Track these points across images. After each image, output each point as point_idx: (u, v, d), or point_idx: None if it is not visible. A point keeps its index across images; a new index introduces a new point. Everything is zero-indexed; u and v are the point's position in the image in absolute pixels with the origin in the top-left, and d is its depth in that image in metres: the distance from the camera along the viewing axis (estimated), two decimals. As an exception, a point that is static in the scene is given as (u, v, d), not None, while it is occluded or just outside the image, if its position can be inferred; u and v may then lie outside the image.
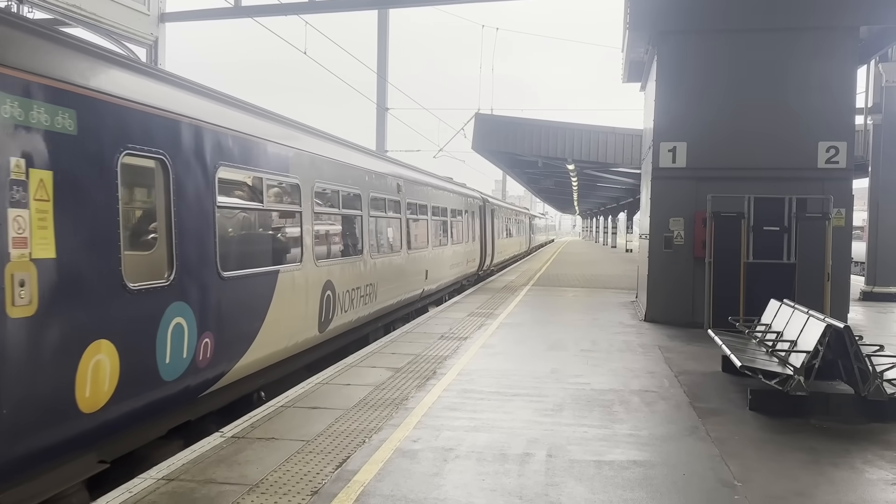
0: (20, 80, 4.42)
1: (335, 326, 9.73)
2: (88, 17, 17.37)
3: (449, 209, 18.42)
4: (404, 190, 13.72)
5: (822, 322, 6.86)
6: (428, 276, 15.55)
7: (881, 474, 5.24)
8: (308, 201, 8.82)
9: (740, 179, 12.29)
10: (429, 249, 15.79)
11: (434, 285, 16.43)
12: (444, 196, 18.10)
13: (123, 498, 4.58)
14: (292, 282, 8.30)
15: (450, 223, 18.59)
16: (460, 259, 20.19)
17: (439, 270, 17.00)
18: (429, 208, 15.94)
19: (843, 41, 12.29)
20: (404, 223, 13.76)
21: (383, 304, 12.19)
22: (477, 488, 4.81)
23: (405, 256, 13.73)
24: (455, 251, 19.28)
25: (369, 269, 11.33)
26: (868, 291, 17.72)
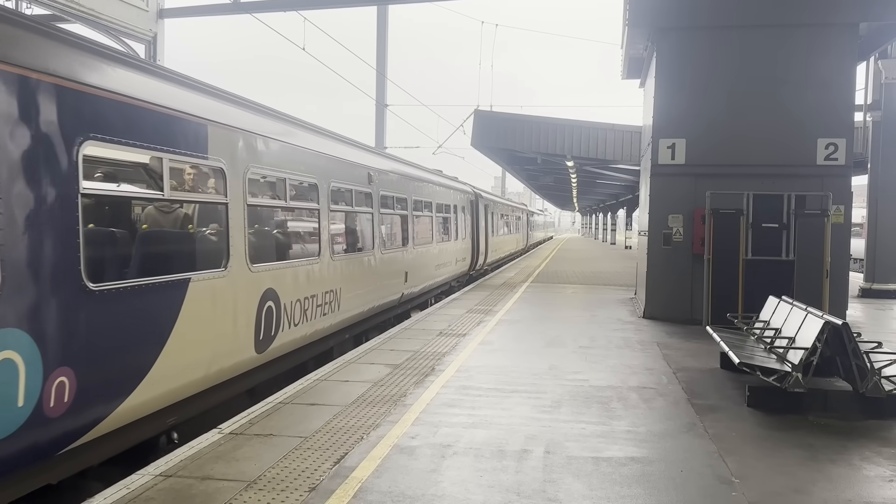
0: None
1: (282, 344, 8.05)
2: (87, 13, 17.33)
3: (435, 203, 16.86)
4: (377, 181, 11.96)
5: (820, 319, 6.86)
6: (408, 278, 13.85)
7: (879, 471, 5.24)
8: (238, 190, 7.06)
9: (739, 176, 12.29)
10: (409, 248, 14.14)
11: (416, 288, 14.82)
12: (429, 189, 16.49)
13: (121, 494, 4.58)
14: (212, 293, 6.54)
15: (436, 219, 16.97)
16: (449, 258, 18.60)
17: (423, 271, 15.34)
18: (409, 202, 14.27)
19: (842, 38, 12.28)
20: (377, 219, 11.95)
21: (350, 313, 10.51)
22: (475, 484, 4.81)
23: (378, 257, 11.97)
24: (442, 250, 17.68)
25: (330, 272, 9.59)
26: (867, 288, 17.73)
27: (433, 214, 16.60)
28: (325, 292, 9.40)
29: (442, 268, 17.67)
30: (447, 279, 18.89)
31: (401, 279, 13.43)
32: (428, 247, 15.99)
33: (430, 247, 16.19)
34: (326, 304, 9.45)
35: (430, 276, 16.21)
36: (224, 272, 6.78)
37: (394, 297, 13.01)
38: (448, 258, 18.52)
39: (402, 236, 13.85)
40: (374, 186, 11.75)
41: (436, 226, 16.93)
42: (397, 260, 13.25)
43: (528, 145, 25.39)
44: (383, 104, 35.34)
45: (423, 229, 15.83)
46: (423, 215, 15.63)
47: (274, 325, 7.75)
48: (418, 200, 15.12)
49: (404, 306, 14.28)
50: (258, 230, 7.83)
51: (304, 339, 8.77)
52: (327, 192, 9.67)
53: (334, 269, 9.83)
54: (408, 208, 14.16)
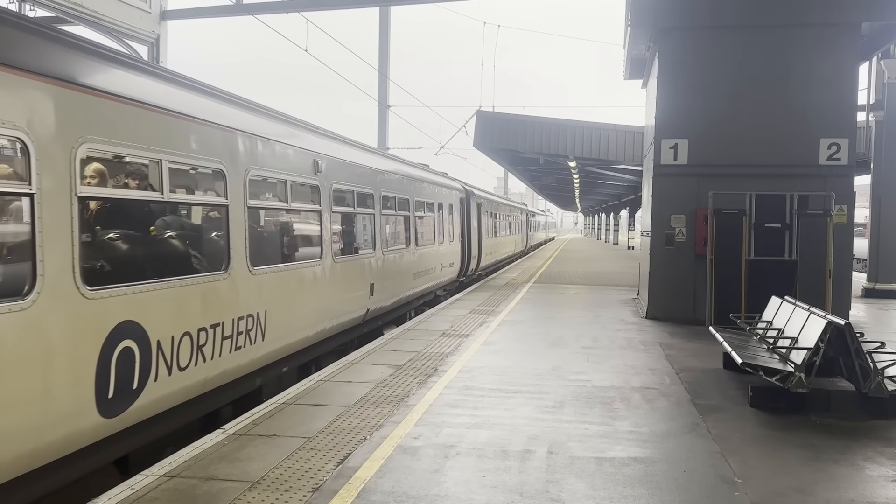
0: None
1: (156, 398, 5.71)
2: (90, 14, 17.37)
3: (414, 201, 14.50)
4: (327, 171, 9.55)
5: (822, 319, 6.86)
6: (375, 290, 11.48)
7: (882, 471, 5.24)
8: (59, 176, 4.76)
9: (742, 176, 12.28)
10: (377, 255, 11.74)
11: (387, 301, 12.48)
12: (407, 184, 14.11)
13: (125, 495, 4.60)
14: None
15: (415, 219, 14.59)
16: (432, 264, 16.23)
17: (396, 281, 13.00)
18: (377, 199, 11.91)
19: (845, 37, 12.27)
20: (328, 219, 9.52)
21: (284, 342, 8.07)
22: (478, 485, 4.82)
23: (331, 267, 9.53)
24: (424, 255, 15.30)
25: (246, 291, 7.12)
26: (870, 288, 17.70)
27: (411, 213, 14.27)
28: (239, 318, 6.98)
29: (423, 276, 15.26)
30: (431, 288, 16.55)
31: (364, 292, 11.01)
32: (403, 252, 13.67)
33: (406, 252, 13.86)
34: (243, 334, 7.03)
35: (406, 286, 13.79)
36: (29, 302, 4.44)
37: (355, 315, 10.65)
38: (431, 264, 16.16)
39: (367, 240, 11.49)
40: (321, 178, 9.35)
41: (415, 227, 14.56)
42: (359, 269, 10.85)
43: (531, 146, 25.40)
44: (385, 105, 35.37)
45: (398, 231, 13.63)
46: (397, 214, 13.39)
47: (138, 374, 5.44)
48: (391, 197, 12.83)
49: (372, 324, 11.89)
50: (101, 238, 5.45)
51: (202, 384, 6.42)
52: (243, 185, 7.04)
53: (254, 286, 7.27)
54: (375, 206, 11.81)
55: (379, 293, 11.78)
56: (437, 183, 17.55)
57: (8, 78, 4.41)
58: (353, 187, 10.70)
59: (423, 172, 16.47)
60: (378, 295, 11.72)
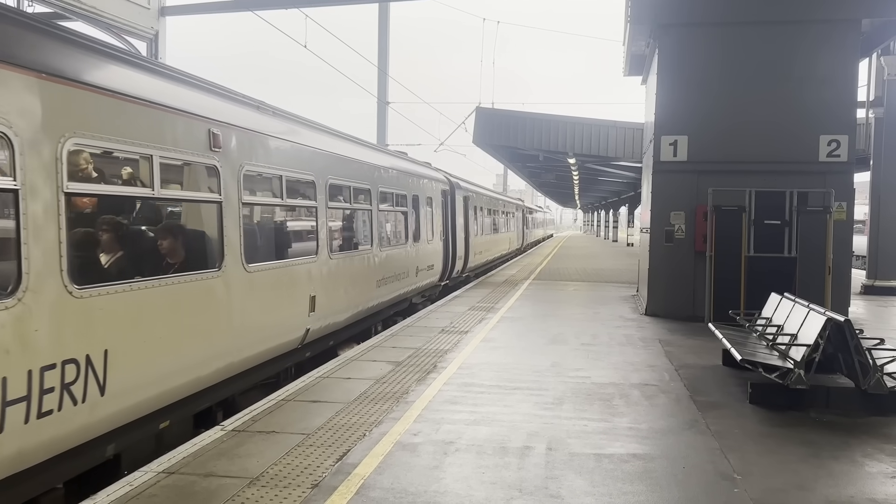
0: None
1: None
2: (89, 10, 17.34)
3: (376, 192, 11.90)
4: (238, 149, 7.15)
5: (822, 315, 6.86)
6: (317, 305, 9.03)
7: (881, 467, 5.24)
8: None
9: (741, 173, 12.27)
10: (319, 259, 9.22)
11: (340, 316, 10.01)
12: (365, 171, 11.40)
13: (124, 491, 4.59)
14: None
15: (379, 214, 12.06)
16: (404, 267, 13.78)
17: (350, 292, 10.45)
18: (322, 189, 9.37)
19: (845, 34, 12.25)
20: (232, 213, 6.95)
21: (150, 392, 5.71)
22: (477, 481, 4.82)
23: (238, 278, 7.03)
24: (392, 257, 12.85)
25: (58, 326, 4.73)
26: (869, 285, 17.71)
27: (374, 207, 11.76)
28: (66, 362, 4.75)
29: (391, 282, 12.82)
30: (404, 295, 14.09)
31: (300, 308, 8.62)
32: (362, 255, 11.16)
33: (366, 254, 11.36)
34: (71, 386, 4.78)
35: (366, 296, 11.27)
36: None
37: (287, 339, 8.31)
38: (403, 267, 13.70)
39: (304, 242, 9.27)
40: (225, 157, 6.83)
41: (380, 224, 12.20)
42: (290, 280, 8.37)
43: (530, 142, 25.37)
44: (385, 101, 35.32)
45: (354, 229, 11.29)
46: (353, 208, 11.00)
47: None
48: (343, 187, 10.40)
49: (318, 345, 9.57)
50: None
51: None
52: (54, 160, 4.74)
53: (80, 316, 4.91)
54: (319, 197, 9.33)
55: (324, 308, 9.27)
56: (412, 172, 15.00)
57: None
58: (283, 171, 8.20)
59: (391, 158, 13.92)
60: (323, 310, 9.22)
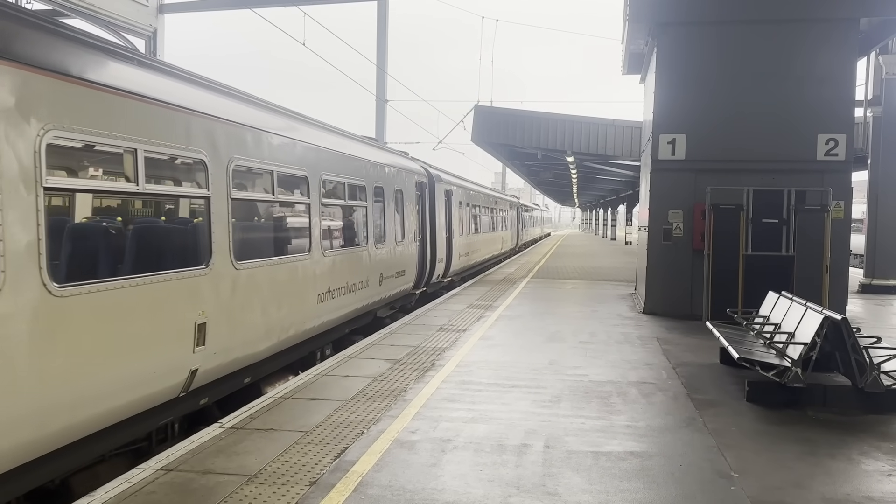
0: None
1: None
2: (87, 8, 17.33)
3: (317, 181, 9.33)
4: (35, 99, 4.70)
5: (819, 314, 6.87)
6: (208, 335, 6.53)
7: (877, 465, 5.26)
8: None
9: (739, 171, 12.29)
10: (212, 272, 6.66)
11: (254, 347, 7.50)
12: (300, 154, 8.86)
13: (122, 488, 4.60)
14: None
15: (321, 210, 9.45)
16: (363, 275, 11.13)
17: (271, 313, 7.87)
18: (220, 172, 6.84)
19: (843, 33, 12.27)
20: (21, 207, 4.50)
21: None
22: (475, 479, 4.83)
23: (37, 312, 4.60)
24: (342, 263, 10.18)
25: None
26: (867, 284, 17.73)
27: (313, 200, 9.20)
28: None
29: (341, 295, 10.14)
30: (362, 310, 11.40)
31: (176, 343, 6.14)
32: (291, 263, 8.48)
33: (299, 261, 8.68)
34: None
35: (298, 317, 8.65)
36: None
37: (157, 388, 5.92)
38: (360, 275, 11.02)
39: (187, 247, 6.73)
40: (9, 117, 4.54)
41: (322, 221, 9.55)
42: (156, 303, 5.86)
43: (529, 141, 25.37)
44: (383, 99, 35.31)
45: (275, 228, 8.76)
46: (272, 201, 8.32)
47: None
48: (257, 171, 7.99)
49: (219, 388, 7.08)
50: None
51: None
52: None
53: None
54: (210, 184, 6.66)
55: (224, 337, 6.79)
56: (374, 159, 12.16)
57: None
58: (155, 147, 5.88)
59: (342, 140, 10.87)
60: (221, 340, 6.74)
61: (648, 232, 13.31)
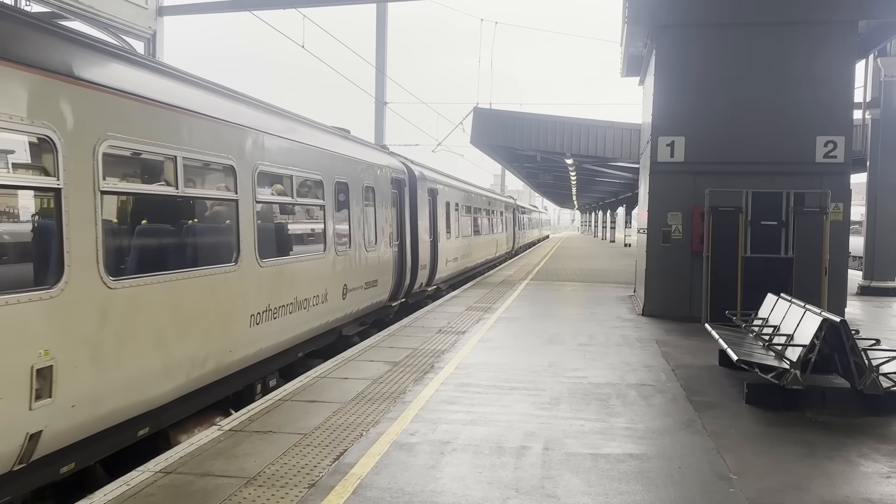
0: None
1: None
2: (87, 10, 17.33)
3: (254, 172, 7.55)
4: None
5: (818, 316, 6.88)
6: (57, 383, 4.68)
7: (876, 467, 5.26)
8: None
9: (738, 174, 12.30)
10: (64, 295, 4.77)
11: (149, 390, 5.81)
12: (223, 136, 7.08)
13: (121, 491, 4.60)
14: None
15: (250, 208, 7.49)
16: (318, 288, 9.28)
17: (175, 343, 6.12)
18: (83, 158, 4.97)
19: (841, 35, 12.29)
20: None
21: None
22: (473, 481, 4.82)
23: None
24: (288, 275, 8.40)
25: None
26: (866, 286, 17.74)
27: (241, 197, 7.29)
28: None
29: (287, 314, 8.29)
30: (318, 330, 9.50)
31: (6, 401, 4.33)
32: (205, 276, 6.66)
33: (218, 275, 6.86)
34: None
35: (220, 346, 6.87)
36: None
37: None
38: (314, 288, 9.16)
39: (17, 257, 5.12)
40: None
41: (257, 222, 7.63)
42: None
43: (528, 143, 25.37)
44: (383, 102, 35.33)
45: (184, 233, 6.84)
46: (178, 197, 6.38)
47: None
48: (157, 158, 6.11)
49: (89, 450, 5.31)
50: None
51: None
52: None
53: None
54: (64, 172, 4.81)
55: (87, 384, 5.06)
56: (332, 151, 10.12)
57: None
58: None
59: (287, 123, 8.95)
60: (83, 388, 5.02)
61: (647, 234, 13.32)
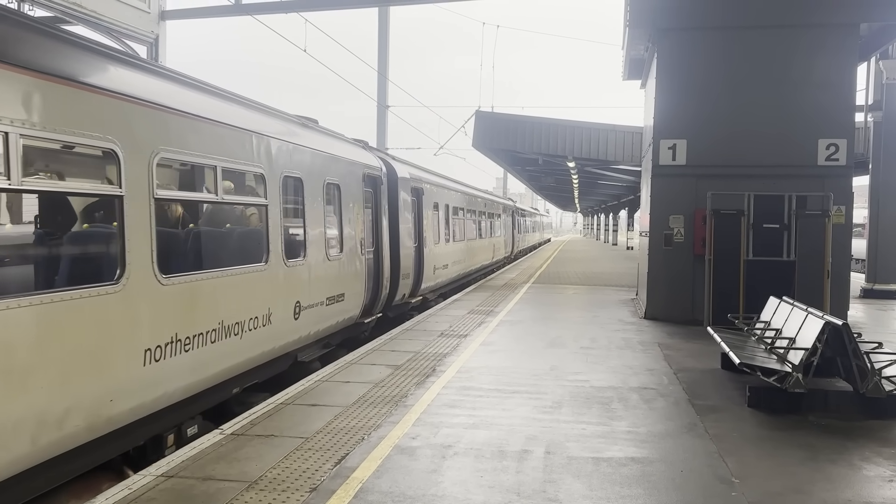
0: None
1: None
2: (89, 14, 17.37)
3: (151, 161, 5.69)
4: None
5: (820, 319, 6.87)
6: None
7: (879, 471, 5.25)
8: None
9: (740, 177, 12.29)
10: None
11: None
12: (111, 114, 5.27)
13: (123, 495, 4.60)
14: None
15: (148, 210, 5.65)
16: (256, 308, 7.49)
17: (22, 397, 4.42)
18: None
19: (843, 38, 12.28)
20: None
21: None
22: (475, 485, 4.82)
23: None
24: (204, 295, 6.51)
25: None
26: (868, 289, 17.71)
27: (122, 191, 5.40)
28: None
29: (197, 348, 6.37)
30: (250, 362, 7.49)
31: None
32: (52, 303, 4.66)
33: (89, 299, 5.00)
34: None
35: (83, 399, 4.98)
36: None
37: None
38: (244, 311, 7.25)
39: None
40: None
41: (156, 228, 5.77)
42: None
43: (530, 146, 25.38)
44: (384, 105, 35.36)
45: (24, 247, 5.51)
46: (19, 190, 4.53)
47: None
48: None
49: None
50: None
51: None
52: None
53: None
54: None
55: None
56: (278, 138, 8.26)
57: None
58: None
59: (205, 98, 7.02)
60: None
61: (649, 237, 13.31)
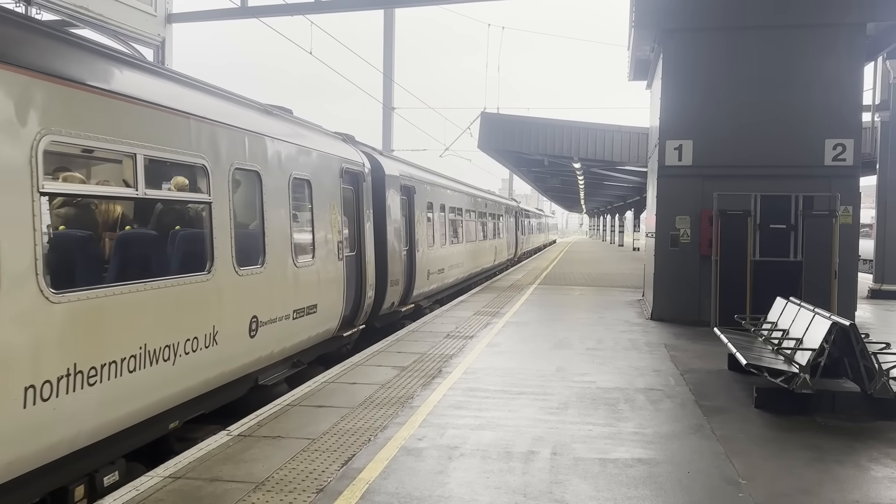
0: None
1: None
2: (96, 18, 17.45)
3: (43, 146, 4.48)
4: None
5: (827, 320, 6.84)
6: None
7: (886, 472, 5.23)
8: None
9: (746, 177, 12.27)
10: None
11: None
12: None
13: (130, 496, 4.62)
14: None
15: (31, 208, 4.37)
16: (206, 325, 6.34)
17: None
18: None
19: (850, 38, 12.25)
20: None
21: None
22: (482, 486, 4.82)
23: None
24: (127, 311, 5.25)
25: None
26: (876, 289, 17.64)
27: (3, 194, 4.21)
28: None
29: (113, 379, 5.08)
30: (189, 391, 6.18)
31: None
32: None
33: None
34: None
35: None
36: None
37: None
38: (183, 330, 5.99)
39: None
40: None
41: (41, 233, 4.47)
42: None
43: (535, 147, 25.35)
44: (390, 107, 35.40)
45: None
46: None
47: None
48: None
49: None
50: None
51: None
52: None
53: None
54: None
55: None
56: (230, 124, 7.03)
57: None
58: None
59: (127, 73, 5.62)
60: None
61: (656, 238, 13.29)
